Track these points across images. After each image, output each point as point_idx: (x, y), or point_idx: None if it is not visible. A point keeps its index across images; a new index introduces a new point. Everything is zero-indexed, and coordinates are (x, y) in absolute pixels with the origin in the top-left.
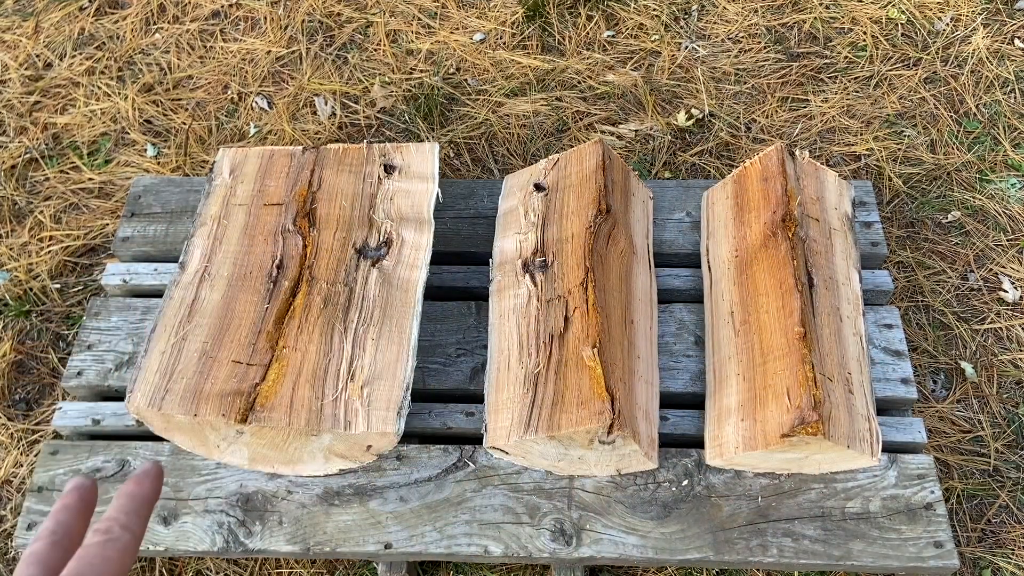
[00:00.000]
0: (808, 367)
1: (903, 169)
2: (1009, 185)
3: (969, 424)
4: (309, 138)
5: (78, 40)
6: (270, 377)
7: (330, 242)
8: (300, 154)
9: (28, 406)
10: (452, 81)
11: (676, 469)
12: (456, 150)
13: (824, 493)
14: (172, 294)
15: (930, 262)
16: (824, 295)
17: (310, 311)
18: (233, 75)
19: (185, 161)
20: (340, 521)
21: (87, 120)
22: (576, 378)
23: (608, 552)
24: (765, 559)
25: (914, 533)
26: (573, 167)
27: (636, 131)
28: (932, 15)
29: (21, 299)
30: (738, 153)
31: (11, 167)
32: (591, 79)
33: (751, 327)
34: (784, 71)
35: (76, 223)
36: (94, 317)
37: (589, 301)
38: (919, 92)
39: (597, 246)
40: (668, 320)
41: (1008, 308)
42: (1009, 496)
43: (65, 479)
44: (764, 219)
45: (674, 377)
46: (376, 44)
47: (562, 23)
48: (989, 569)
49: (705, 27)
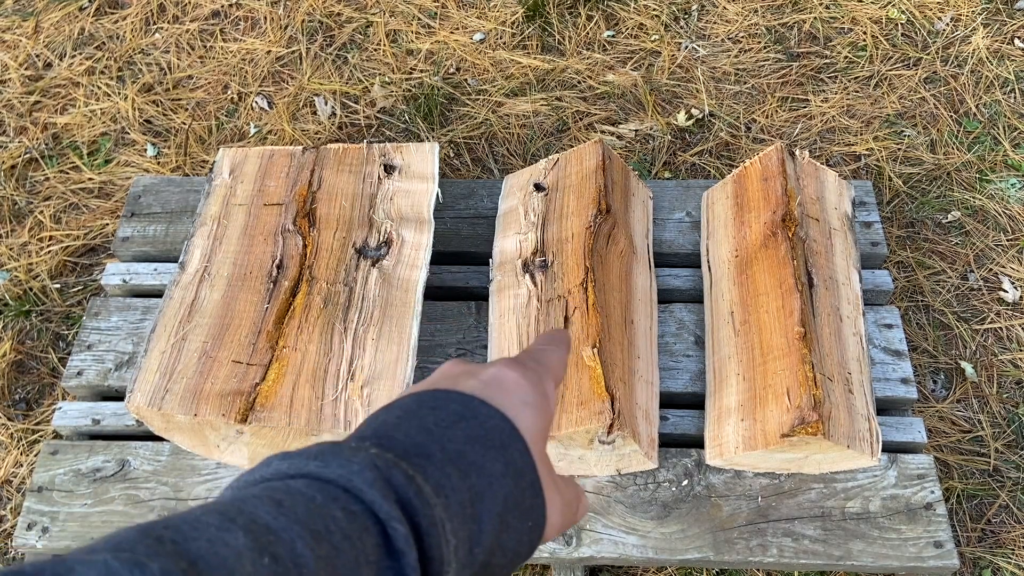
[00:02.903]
0: (808, 367)
1: (903, 169)
2: (1009, 185)
3: (969, 424)
4: (309, 138)
5: (78, 40)
6: (270, 377)
7: (330, 242)
8: (300, 154)
9: (28, 406)
10: (452, 81)
11: (676, 469)
12: (456, 150)
13: (824, 493)
14: (172, 294)
15: (930, 262)
16: (824, 295)
17: (310, 311)
18: (233, 75)
19: (185, 161)
20: None
21: (87, 120)
22: (576, 378)
23: (608, 552)
24: (765, 559)
25: (914, 533)
26: (573, 167)
27: (636, 131)
28: (932, 15)
29: (21, 299)
30: (738, 153)
31: (11, 167)
32: (591, 79)
33: (751, 327)
34: (784, 71)
35: (76, 223)
36: (94, 317)
37: (589, 301)
38: (919, 92)
39: (597, 246)
40: (668, 320)
41: (1008, 308)
42: (1009, 496)
43: (65, 479)
44: (764, 219)
45: (674, 377)
46: (376, 44)
47: (562, 23)
48: (989, 569)
49: (705, 27)
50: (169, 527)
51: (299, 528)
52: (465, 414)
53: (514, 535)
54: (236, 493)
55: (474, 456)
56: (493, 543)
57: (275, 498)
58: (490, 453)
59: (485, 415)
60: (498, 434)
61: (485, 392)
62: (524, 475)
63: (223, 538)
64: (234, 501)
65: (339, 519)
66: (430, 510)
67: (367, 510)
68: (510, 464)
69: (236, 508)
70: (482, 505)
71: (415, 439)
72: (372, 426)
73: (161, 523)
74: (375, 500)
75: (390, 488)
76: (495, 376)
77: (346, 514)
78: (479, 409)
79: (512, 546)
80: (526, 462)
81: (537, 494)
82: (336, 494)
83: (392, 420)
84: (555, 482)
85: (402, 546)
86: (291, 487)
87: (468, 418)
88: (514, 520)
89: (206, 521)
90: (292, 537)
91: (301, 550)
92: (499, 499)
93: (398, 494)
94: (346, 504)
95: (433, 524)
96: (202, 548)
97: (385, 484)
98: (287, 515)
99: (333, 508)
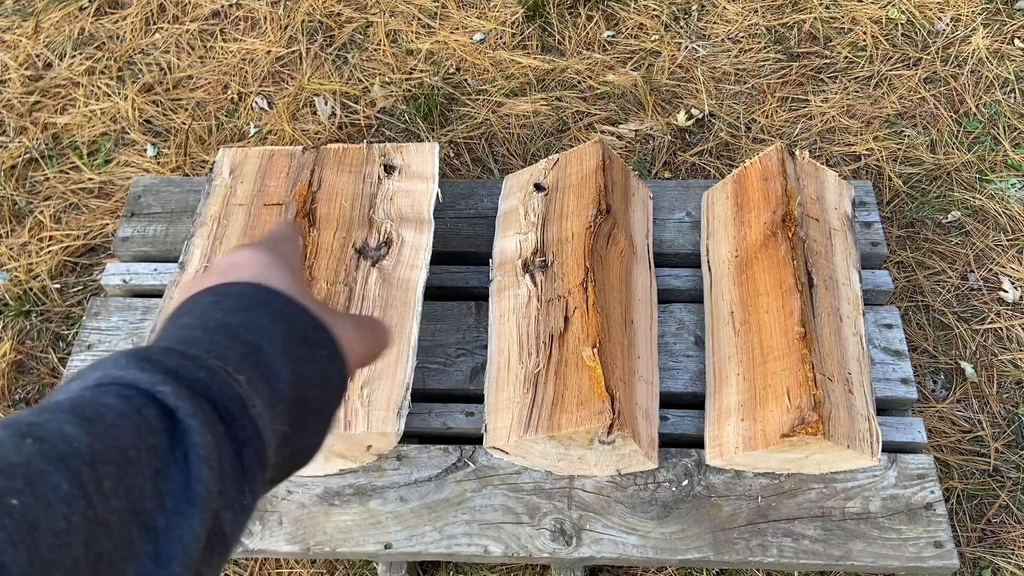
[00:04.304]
0: (808, 367)
1: (903, 169)
2: (1009, 185)
3: (969, 424)
4: (309, 138)
5: (78, 40)
6: None
7: (330, 242)
8: (300, 154)
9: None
10: (452, 81)
11: (676, 469)
12: (456, 150)
13: (824, 493)
14: (172, 294)
15: (930, 262)
16: (824, 295)
17: None
18: (233, 75)
19: (185, 161)
20: (340, 521)
21: (87, 120)
22: (576, 378)
23: (608, 552)
24: (765, 559)
25: (914, 533)
26: (573, 167)
27: (636, 131)
28: (932, 15)
29: (21, 299)
30: (738, 153)
31: (11, 167)
32: (591, 79)
33: (751, 327)
34: (784, 71)
35: (76, 223)
36: (94, 317)
37: (589, 301)
38: (919, 92)
39: (597, 246)
40: (668, 320)
41: (1008, 308)
42: (1009, 496)
43: None
44: (764, 219)
45: (674, 377)
46: (376, 44)
47: (562, 23)
48: (989, 569)
49: (705, 27)
50: None
51: (65, 415)
52: (217, 298)
53: (314, 366)
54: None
55: (237, 321)
56: (294, 377)
57: (45, 404)
58: (253, 313)
59: (237, 292)
60: (251, 297)
61: (226, 277)
62: (296, 318)
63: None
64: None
65: (111, 404)
66: (203, 362)
67: (141, 392)
68: (278, 314)
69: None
70: (262, 351)
71: (182, 334)
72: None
73: None
74: (138, 378)
75: (154, 364)
76: (229, 262)
77: (120, 399)
78: (229, 289)
79: (317, 375)
80: (292, 306)
81: (318, 328)
82: (109, 389)
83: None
84: (337, 316)
85: (175, 402)
86: (68, 389)
87: (221, 296)
88: (306, 353)
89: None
90: (59, 424)
91: (69, 430)
92: (278, 341)
93: (164, 364)
94: (120, 392)
95: (213, 372)
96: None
97: (148, 363)
98: (50, 410)
99: (104, 397)
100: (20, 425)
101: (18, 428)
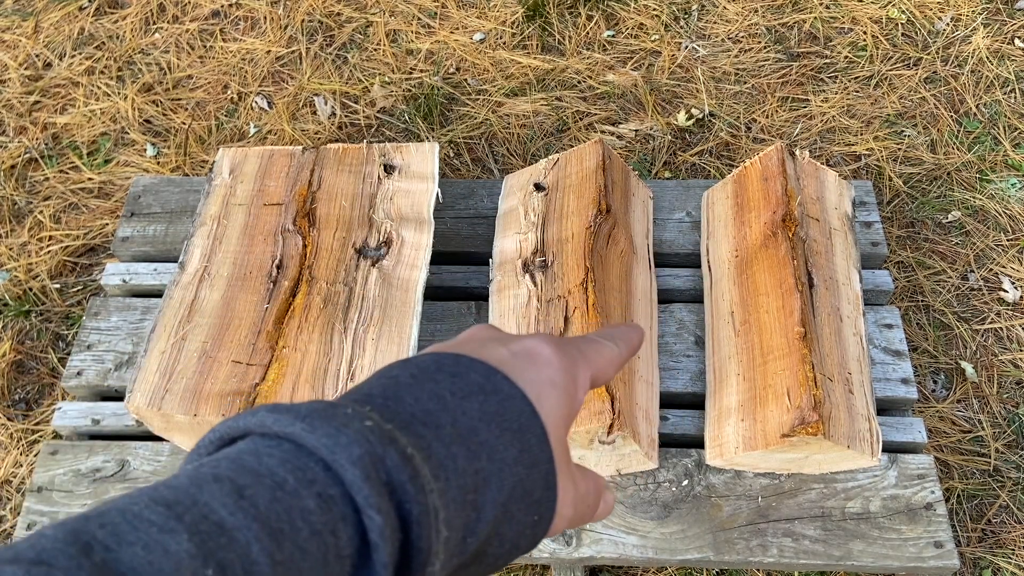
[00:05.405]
0: (808, 367)
1: (903, 169)
2: (1009, 185)
3: (969, 424)
4: (309, 138)
5: (78, 40)
6: (270, 377)
7: (330, 242)
8: (300, 154)
9: (28, 406)
10: (452, 81)
11: (676, 469)
12: (456, 150)
13: (824, 493)
14: (172, 294)
15: (930, 262)
16: (824, 295)
17: (310, 311)
18: (233, 75)
19: (185, 161)
20: None
21: (87, 120)
22: None
23: (608, 552)
24: (765, 559)
25: (914, 533)
26: (573, 167)
27: (636, 131)
28: (932, 15)
29: (21, 299)
30: (738, 153)
31: (11, 167)
32: (591, 79)
33: (751, 327)
34: (784, 71)
35: (76, 223)
36: (94, 317)
37: (589, 301)
38: (919, 92)
39: (597, 246)
40: (668, 320)
41: (1008, 308)
42: (1009, 496)
43: (65, 479)
44: (764, 219)
45: (674, 377)
46: (376, 44)
47: (562, 23)
48: (989, 569)
49: (705, 27)
50: (105, 525)
51: (258, 527)
52: (485, 387)
53: (516, 527)
54: (198, 468)
55: (487, 436)
56: (491, 532)
57: (238, 484)
58: (505, 436)
59: (507, 392)
60: (517, 415)
61: (512, 364)
62: (538, 465)
63: (163, 543)
64: (191, 485)
65: (310, 510)
66: (424, 497)
67: (345, 494)
68: (525, 450)
69: (189, 498)
70: (486, 493)
71: (425, 406)
72: (381, 382)
73: (97, 518)
74: (355, 482)
75: (379, 468)
76: (526, 349)
77: (319, 502)
78: (501, 384)
79: (512, 537)
80: (543, 450)
81: (549, 487)
82: (313, 474)
83: (405, 379)
84: (571, 474)
85: (376, 539)
86: (263, 465)
87: (488, 392)
88: (519, 512)
89: (148, 519)
90: (248, 539)
91: (256, 555)
92: (506, 488)
93: (388, 476)
94: (323, 488)
95: (425, 513)
96: (136, 558)
97: (373, 463)
98: (246, 510)
99: (305, 496)
100: (209, 533)
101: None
